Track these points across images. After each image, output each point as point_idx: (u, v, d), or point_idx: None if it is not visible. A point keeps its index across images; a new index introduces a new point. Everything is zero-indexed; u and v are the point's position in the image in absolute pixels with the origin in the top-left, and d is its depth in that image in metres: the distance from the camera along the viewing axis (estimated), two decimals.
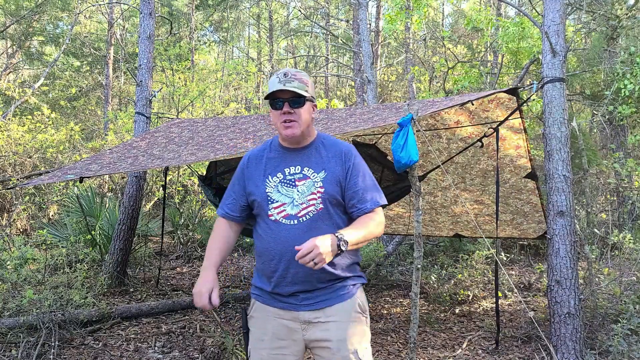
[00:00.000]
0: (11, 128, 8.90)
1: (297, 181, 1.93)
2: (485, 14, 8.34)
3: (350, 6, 14.34)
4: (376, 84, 8.51)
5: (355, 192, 1.92)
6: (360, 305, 1.97)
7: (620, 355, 3.60)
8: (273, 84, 1.90)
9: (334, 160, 1.95)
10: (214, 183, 5.51)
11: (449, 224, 5.71)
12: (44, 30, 13.24)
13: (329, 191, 1.90)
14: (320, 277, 1.89)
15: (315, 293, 1.91)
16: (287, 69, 1.94)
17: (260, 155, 2.04)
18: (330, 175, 1.92)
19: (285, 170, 1.96)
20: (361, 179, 1.94)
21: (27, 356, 3.67)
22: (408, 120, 3.03)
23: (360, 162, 1.98)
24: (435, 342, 4.38)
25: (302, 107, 1.91)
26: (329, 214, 1.91)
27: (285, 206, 1.91)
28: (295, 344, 1.93)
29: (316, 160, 1.96)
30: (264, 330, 1.96)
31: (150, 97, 5.90)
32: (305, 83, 1.92)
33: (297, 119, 1.90)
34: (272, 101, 1.92)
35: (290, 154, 1.99)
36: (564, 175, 3.87)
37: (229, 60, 18.95)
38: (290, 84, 1.87)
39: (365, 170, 1.98)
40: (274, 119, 1.95)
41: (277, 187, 1.94)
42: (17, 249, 5.32)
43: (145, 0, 5.94)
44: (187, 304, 5.12)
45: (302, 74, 1.94)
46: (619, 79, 5.38)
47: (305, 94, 1.90)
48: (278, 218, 1.91)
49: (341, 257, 1.90)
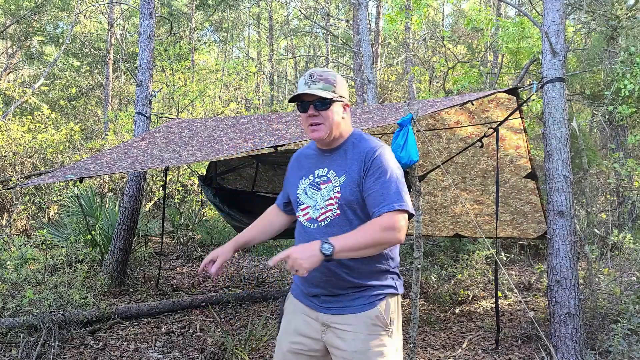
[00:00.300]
0: (11, 128, 8.90)
1: (322, 184, 1.90)
2: (485, 14, 8.34)
3: (350, 6, 14.34)
4: (376, 84, 8.51)
5: (369, 196, 1.80)
6: (381, 318, 1.83)
7: (620, 355, 3.60)
8: (299, 86, 1.88)
9: (356, 162, 1.84)
10: (214, 183, 5.51)
11: (449, 224, 5.71)
12: (44, 30, 13.24)
13: (345, 196, 1.82)
14: (337, 283, 1.83)
15: (336, 298, 1.86)
16: (313, 70, 1.89)
17: (303, 154, 2.05)
18: (349, 179, 1.84)
19: (315, 172, 1.94)
20: (379, 181, 1.78)
21: (27, 356, 3.67)
22: (408, 120, 3.03)
23: (381, 163, 1.81)
24: (435, 342, 4.38)
25: (328, 108, 1.85)
26: (347, 220, 1.83)
27: (309, 209, 1.90)
28: (315, 343, 1.92)
29: (341, 163, 1.89)
30: (289, 322, 1.99)
31: (150, 97, 5.90)
32: (332, 83, 1.86)
33: (323, 122, 1.85)
34: (297, 104, 1.90)
35: (322, 156, 1.96)
36: (564, 175, 3.87)
37: (229, 60, 18.96)
38: (314, 86, 1.84)
39: (386, 171, 1.80)
40: (302, 122, 1.93)
41: (305, 190, 1.93)
42: (17, 249, 5.32)
43: (145, 0, 5.95)
44: (187, 304, 5.12)
45: (330, 73, 1.88)
46: (619, 79, 5.38)
47: (330, 95, 1.84)
48: (303, 220, 1.91)
49: (362, 262, 1.81)
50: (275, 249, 7.83)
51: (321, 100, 1.84)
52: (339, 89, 1.89)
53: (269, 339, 4.05)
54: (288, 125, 4.19)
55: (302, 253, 1.64)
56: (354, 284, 1.83)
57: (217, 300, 5.30)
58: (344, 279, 1.82)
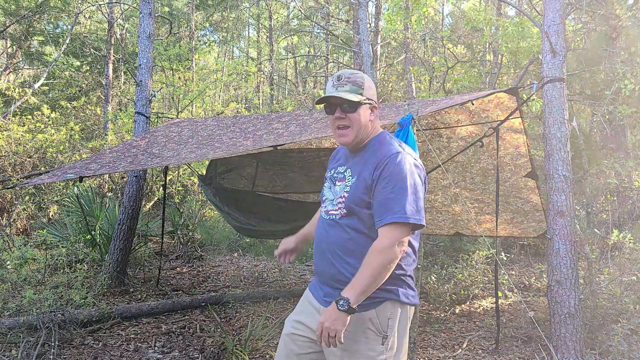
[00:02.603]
0: (11, 128, 8.90)
1: (338, 181, 1.96)
2: (485, 14, 8.34)
3: (350, 6, 14.34)
4: (376, 83, 8.51)
5: (375, 203, 1.79)
6: (374, 322, 1.81)
7: (620, 355, 3.60)
8: (327, 88, 1.89)
9: (369, 166, 1.83)
10: (214, 183, 5.50)
11: (449, 222, 5.70)
12: (44, 30, 13.23)
13: (352, 197, 1.84)
14: (341, 279, 1.84)
15: (335, 292, 1.86)
16: (342, 71, 1.89)
17: (340, 149, 2.12)
18: (360, 181, 1.84)
19: (338, 168, 2.00)
20: (387, 189, 1.76)
21: (27, 356, 3.67)
22: (408, 120, 3.02)
23: (393, 172, 1.77)
24: (435, 342, 4.38)
25: (355, 111, 1.85)
26: (351, 220, 1.84)
27: (327, 202, 1.97)
28: (312, 333, 1.95)
29: (358, 164, 1.90)
30: (299, 308, 2.07)
31: (150, 97, 5.90)
32: (360, 85, 1.86)
33: (350, 125, 1.87)
34: (325, 106, 1.91)
35: (349, 154, 2.02)
36: (564, 175, 3.86)
37: (229, 60, 18.95)
38: (342, 88, 1.85)
39: (395, 180, 1.76)
40: (330, 124, 1.96)
41: (327, 183, 2.02)
42: (17, 249, 5.32)
43: (145, 0, 5.94)
44: (187, 304, 5.12)
45: (358, 75, 1.88)
46: (619, 79, 5.38)
47: (357, 98, 1.84)
48: (322, 212, 2.00)
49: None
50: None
51: (348, 103, 1.85)
52: (367, 91, 1.88)
53: (269, 339, 4.05)
54: (287, 124, 4.19)
55: (329, 320, 1.71)
56: None
57: (217, 300, 5.30)
58: (347, 277, 1.83)
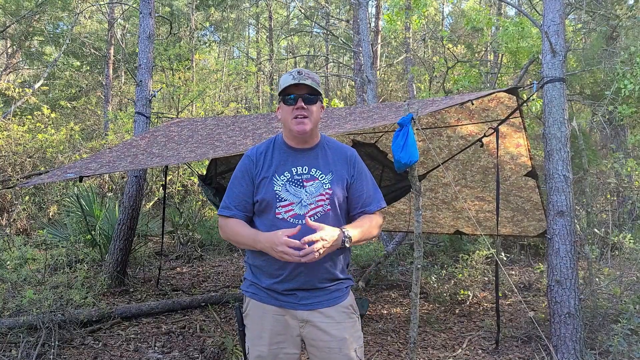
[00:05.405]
0: (11, 128, 8.90)
1: (305, 182, 1.95)
2: (485, 14, 8.33)
3: (351, 6, 14.34)
4: (376, 83, 8.51)
5: (360, 196, 2.01)
6: (353, 306, 2.05)
7: (620, 355, 3.60)
8: (286, 81, 1.92)
9: (340, 163, 2.01)
10: (213, 183, 5.50)
11: (450, 220, 5.70)
12: (44, 30, 13.22)
13: (336, 193, 1.96)
14: (323, 276, 1.93)
15: (314, 293, 1.93)
16: (300, 69, 1.98)
17: (264, 152, 2.01)
18: (337, 177, 1.98)
19: (292, 170, 1.96)
20: (366, 183, 2.04)
21: (27, 356, 3.67)
22: (408, 120, 3.02)
23: (363, 166, 2.07)
24: (435, 342, 4.38)
25: (314, 104, 1.95)
26: (335, 215, 1.96)
27: (293, 205, 1.92)
28: (293, 339, 1.96)
29: (323, 162, 2.00)
30: (261, 327, 1.96)
31: (150, 97, 5.90)
32: (318, 83, 1.97)
33: (309, 115, 1.93)
34: (285, 97, 1.94)
35: (297, 154, 1.99)
36: (564, 175, 3.86)
37: (229, 60, 18.95)
38: (305, 80, 1.91)
39: (368, 173, 2.07)
40: (285, 115, 1.95)
41: (285, 186, 1.94)
42: (17, 249, 5.32)
43: (145, 0, 5.94)
44: (187, 304, 5.12)
45: (314, 74, 1.99)
46: (619, 79, 5.38)
47: (320, 91, 1.97)
48: (286, 217, 1.91)
49: (344, 256, 2.00)
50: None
51: (311, 94, 1.92)
52: (321, 90, 2.01)
53: None
54: None
55: (331, 237, 1.79)
56: (334, 277, 1.97)
57: (217, 300, 5.30)
58: (328, 271, 1.93)
